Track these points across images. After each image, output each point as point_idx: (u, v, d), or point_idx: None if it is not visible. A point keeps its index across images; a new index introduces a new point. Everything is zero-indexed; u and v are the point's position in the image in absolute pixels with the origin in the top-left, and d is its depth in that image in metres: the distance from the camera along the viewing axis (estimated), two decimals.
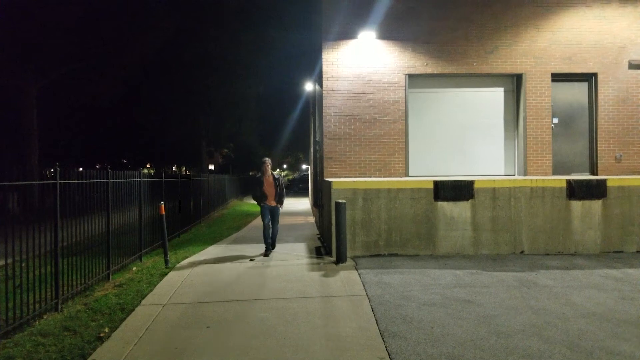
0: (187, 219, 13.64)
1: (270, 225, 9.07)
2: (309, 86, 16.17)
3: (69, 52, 20.59)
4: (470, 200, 8.25)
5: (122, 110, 31.37)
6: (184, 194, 13.33)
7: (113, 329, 4.90)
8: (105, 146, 36.58)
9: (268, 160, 9.21)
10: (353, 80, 10.15)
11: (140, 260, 8.81)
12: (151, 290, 6.35)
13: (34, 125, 20.64)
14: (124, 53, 22.84)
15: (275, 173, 9.21)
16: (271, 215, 9.11)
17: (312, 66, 13.80)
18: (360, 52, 10.15)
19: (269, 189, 9.02)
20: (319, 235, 11.49)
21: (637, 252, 8.36)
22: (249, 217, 17.87)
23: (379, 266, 7.40)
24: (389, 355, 4.12)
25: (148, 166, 46.69)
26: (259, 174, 9.15)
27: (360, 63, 10.15)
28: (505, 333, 4.56)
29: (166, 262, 8.09)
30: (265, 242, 8.97)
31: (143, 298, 6.00)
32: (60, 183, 5.77)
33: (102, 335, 4.73)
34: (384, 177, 9.94)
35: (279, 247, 9.52)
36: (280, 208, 9.18)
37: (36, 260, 5.24)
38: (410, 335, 4.52)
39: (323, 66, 10.18)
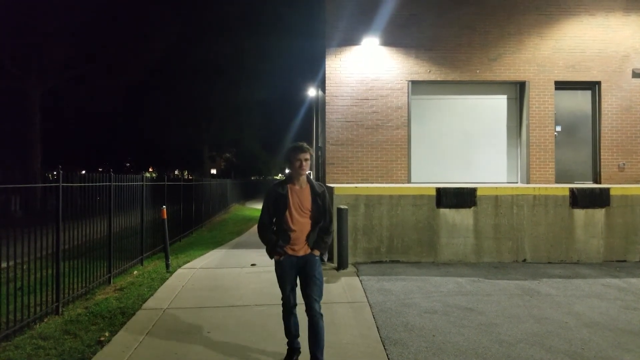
0: (188, 223, 13.63)
1: (296, 301, 4.04)
2: (311, 92, 16.22)
3: (72, 56, 20.75)
4: (472, 208, 8.22)
5: (125, 115, 31.56)
6: (186, 198, 13.32)
7: (113, 333, 4.89)
8: (108, 150, 36.73)
9: (308, 150, 3.88)
10: (356, 86, 10.16)
11: (142, 264, 8.80)
12: (152, 295, 6.33)
13: (37, 128, 20.75)
14: (128, 58, 23.00)
15: (316, 183, 3.99)
16: (303, 278, 3.94)
17: (315, 72, 13.87)
18: (363, 59, 10.17)
19: (299, 217, 3.86)
20: None
21: None
22: (250, 221, 17.83)
23: (380, 273, 7.38)
24: None
25: (150, 170, 46.85)
26: (279, 182, 3.98)
27: (363, 69, 10.17)
28: (507, 342, 4.53)
29: (167, 266, 8.07)
30: (289, 336, 4.12)
31: (144, 302, 5.98)
32: (62, 186, 5.78)
33: (102, 339, 4.71)
34: (386, 183, 9.93)
35: None
36: (323, 259, 4.10)
37: (37, 263, 5.24)
38: (412, 343, 4.50)
39: (326, 72, 10.20)
